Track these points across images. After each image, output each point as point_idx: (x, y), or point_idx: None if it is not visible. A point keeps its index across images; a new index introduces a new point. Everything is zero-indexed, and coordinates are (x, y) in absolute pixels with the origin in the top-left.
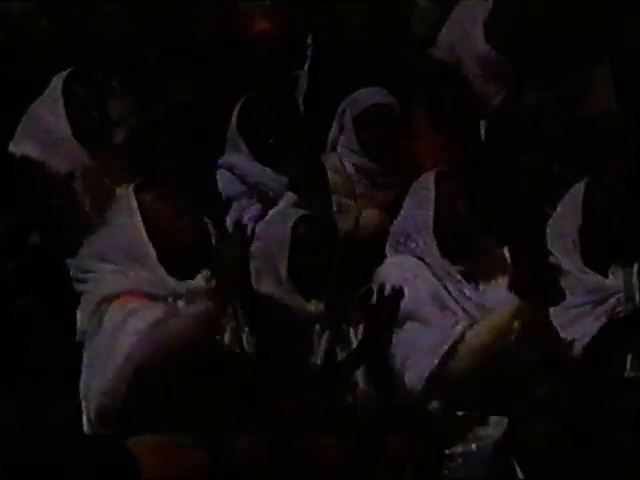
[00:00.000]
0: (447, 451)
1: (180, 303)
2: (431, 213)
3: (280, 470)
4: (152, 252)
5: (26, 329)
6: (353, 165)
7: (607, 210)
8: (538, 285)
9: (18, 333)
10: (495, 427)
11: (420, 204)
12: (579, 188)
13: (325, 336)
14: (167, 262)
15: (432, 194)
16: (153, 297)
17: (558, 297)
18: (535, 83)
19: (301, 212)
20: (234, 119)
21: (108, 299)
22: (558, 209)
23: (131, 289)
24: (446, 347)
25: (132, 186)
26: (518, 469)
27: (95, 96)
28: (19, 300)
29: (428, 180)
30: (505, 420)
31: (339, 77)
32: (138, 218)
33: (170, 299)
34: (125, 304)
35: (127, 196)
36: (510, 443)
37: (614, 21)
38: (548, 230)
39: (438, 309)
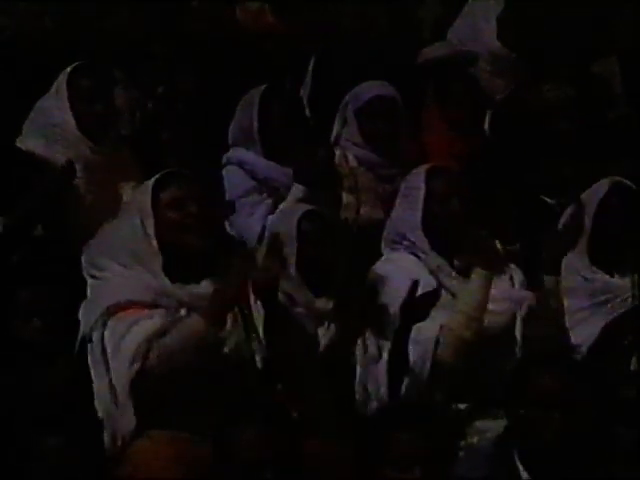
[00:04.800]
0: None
1: (182, 311)
2: (420, 213)
3: (281, 464)
4: (159, 259)
5: (30, 321)
6: (356, 157)
7: (624, 213)
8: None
9: (22, 324)
10: (497, 421)
11: (410, 204)
12: (599, 189)
13: (332, 332)
14: (172, 267)
15: (422, 193)
16: (154, 305)
17: None
18: (547, 80)
19: (306, 207)
20: (255, 116)
21: (111, 311)
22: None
23: (132, 300)
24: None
25: (150, 184)
26: (519, 464)
27: (99, 89)
28: (23, 293)
29: (418, 179)
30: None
31: (344, 75)
32: (151, 221)
33: (172, 306)
34: (126, 316)
35: (143, 195)
36: (512, 437)
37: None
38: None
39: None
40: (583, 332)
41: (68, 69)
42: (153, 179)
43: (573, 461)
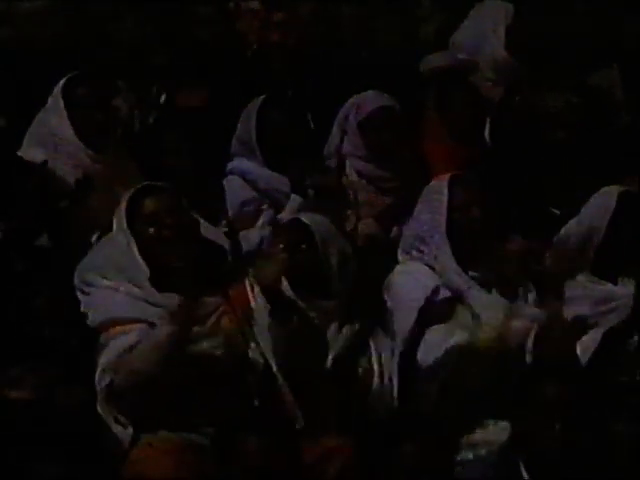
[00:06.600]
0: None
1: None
2: (444, 218)
3: (287, 473)
4: (145, 271)
5: (35, 330)
6: (356, 170)
7: (633, 224)
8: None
9: (27, 333)
10: (501, 432)
11: (433, 208)
12: (607, 203)
13: (340, 338)
14: (159, 278)
15: (445, 198)
16: (138, 320)
17: None
18: (549, 88)
19: (291, 217)
20: (253, 126)
21: (100, 329)
22: (575, 218)
23: (116, 319)
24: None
25: (124, 201)
26: (524, 472)
27: (96, 98)
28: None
29: (441, 184)
30: (510, 425)
31: (344, 84)
32: (130, 237)
33: (161, 316)
34: (109, 334)
35: (120, 212)
36: (516, 447)
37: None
38: (556, 238)
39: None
40: (585, 341)
41: (63, 79)
42: (127, 195)
43: (578, 469)
